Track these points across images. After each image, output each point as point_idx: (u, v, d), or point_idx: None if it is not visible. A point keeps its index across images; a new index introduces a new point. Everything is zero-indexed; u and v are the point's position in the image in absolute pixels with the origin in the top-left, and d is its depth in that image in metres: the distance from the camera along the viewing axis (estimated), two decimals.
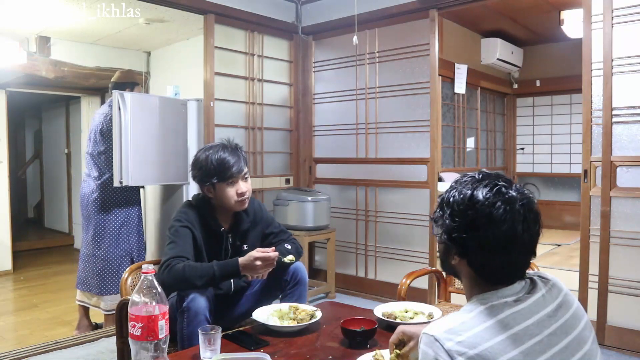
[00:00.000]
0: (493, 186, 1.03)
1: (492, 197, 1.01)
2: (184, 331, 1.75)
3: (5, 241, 5.14)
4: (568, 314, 1.03)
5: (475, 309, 0.99)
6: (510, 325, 0.95)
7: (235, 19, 4.01)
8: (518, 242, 1.00)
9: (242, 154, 2.06)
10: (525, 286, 1.04)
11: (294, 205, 3.97)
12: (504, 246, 1.00)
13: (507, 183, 1.05)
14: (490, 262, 1.02)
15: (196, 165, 2.03)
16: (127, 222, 3.27)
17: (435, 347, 0.93)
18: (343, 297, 4.14)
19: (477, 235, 1.01)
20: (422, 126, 3.90)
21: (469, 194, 1.03)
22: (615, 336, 2.97)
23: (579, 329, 1.02)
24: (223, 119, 3.97)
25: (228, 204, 2.03)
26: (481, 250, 1.02)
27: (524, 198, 1.03)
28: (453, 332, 0.94)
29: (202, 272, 1.82)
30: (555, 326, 0.99)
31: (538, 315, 0.98)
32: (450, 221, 1.05)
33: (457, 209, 1.04)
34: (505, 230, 0.99)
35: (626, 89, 2.94)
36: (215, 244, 2.05)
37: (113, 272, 3.20)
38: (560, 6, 5.40)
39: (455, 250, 1.06)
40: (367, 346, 1.61)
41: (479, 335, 0.93)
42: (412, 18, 3.90)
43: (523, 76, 7.51)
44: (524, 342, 0.94)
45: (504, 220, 0.99)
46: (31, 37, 4.60)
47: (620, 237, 2.97)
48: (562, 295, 1.06)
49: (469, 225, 1.02)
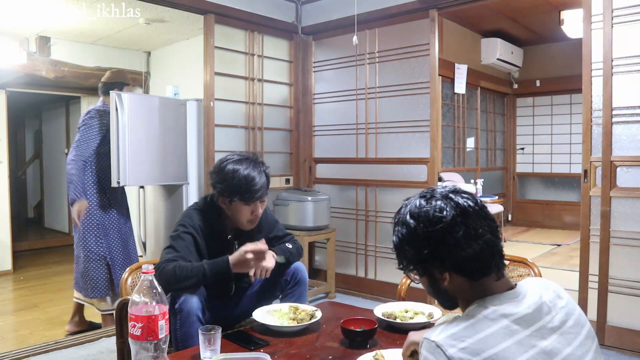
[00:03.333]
0: (420, 201, 1.07)
1: (425, 206, 1.05)
2: (178, 333, 1.75)
3: (5, 241, 5.14)
4: (571, 321, 1.01)
5: (478, 314, 0.96)
6: (515, 332, 0.93)
7: (235, 19, 4.01)
8: (475, 220, 1.03)
9: (268, 175, 2.03)
10: (525, 293, 1.03)
11: (294, 205, 3.97)
12: (468, 233, 1.01)
13: (429, 191, 1.09)
14: (470, 252, 1.01)
15: (220, 175, 1.97)
16: (103, 224, 3.22)
17: (437, 354, 0.91)
18: (343, 297, 4.14)
19: (444, 245, 1.02)
20: (422, 126, 3.90)
21: (409, 221, 1.06)
22: (615, 336, 2.97)
23: (581, 337, 1.01)
24: (223, 119, 3.97)
25: (239, 220, 2.01)
26: (456, 251, 1.02)
27: (449, 190, 1.08)
28: (456, 338, 0.92)
29: (192, 271, 1.80)
30: (558, 334, 0.97)
31: (541, 323, 0.97)
32: (415, 253, 1.06)
33: (413, 239, 1.06)
34: (460, 220, 1.02)
35: (626, 89, 2.94)
36: (220, 251, 2.03)
37: (91, 275, 3.16)
38: (560, 6, 5.40)
39: (437, 270, 1.05)
40: (367, 346, 1.61)
41: (483, 341, 0.91)
42: (412, 18, 3.90)
43: (523, 76, 7.51)
44: (528, 350, 0.92)
45: (454, 215, 1.02)
46: (31, 37, 4.60)
47: (620, 237, 2.97)
48: (565, 302, 1.05)
49: (431, 241, 1.03)
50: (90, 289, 3.17)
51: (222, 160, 2.01)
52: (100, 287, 3.18)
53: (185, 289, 1.79)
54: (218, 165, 2.01)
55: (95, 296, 3.18)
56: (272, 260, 2.03)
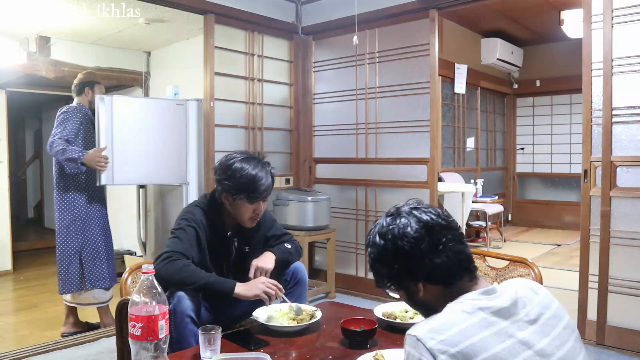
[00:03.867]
0: (385, 220, 1.15)
1: (391, 224, 1.13)
2: (173, 334, 1.74)
3: (5, 241, 5.14)
4: (547, 314, 1.04)
5: (456, 309, 1.01)
6: (492, 323, 0.97)
7: (235, 19, 4.01)
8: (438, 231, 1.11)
9: (273, 176, 2.04)
10: (500, 290, 1.06)
11: (294, 205, 3.97)
12: (433, 245, 1.09)
13: (394, 210, 1.17)
14: (438, 262, 1.08)
15: (228, 172, 1.97)
16: (85, 219, 3.24)
17: (418, 347, 0.94)
18: (343, 297, 4.14)
19: (412, 258, 1.09)
20: (422, 126, 3.90)
21: (378, 241, 1.14)
22: (615, 336, 2.97)
23: (559, 329, 1.03)
24: (223, 119, 3.97)
25: (240, 218, 2.02)
26: (424, 263, 1.08)
27: (411, 206, 1.16)
28: (435, 331, 0.95)
29: (199, 277, 1.81)
30: (535, 326, 1.00)
31: (517, 316, 1.00)
32: (388, 270, 1.13)
33: (384, 257, 1.13)
34: (423, 233, 1.10)
35: (626, 89, 2.94)
36: (220, 247, 2.05)
37: (62, 270, 3.18)
38: (560, 6, 5.41)
39: (411, 282, 1.12)
40: (367, 346, 1.61)
41: (461, 332, 0.94)
42: (412, 18, 3.90)
43: (523, 76, 7.51)
44: (505, 340, 0.95)
45: (417, 230, 1.10)
46: (31, 37, 4.60)
47: (620, 237, 2.97)
48: (541, 297, 1.08)
49: (400, 256, 1.10)
50: (61, 282, 3.18)
51: (229, 158, 2.02)
52: (72, 282, 3.18)
53: (181, 287, 1.79)
54: (224, 162, 2.01)
55: (67, 291, 3.18)
56: (271, 262, 2.03)
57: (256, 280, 1.88)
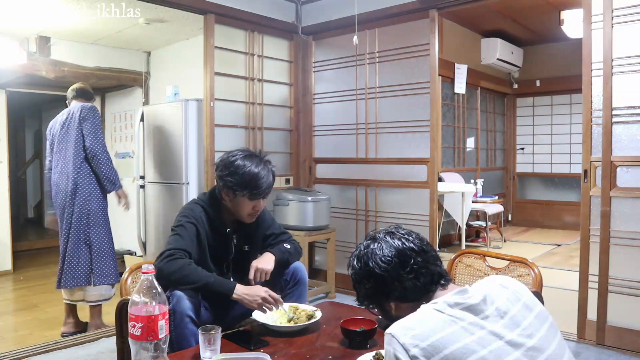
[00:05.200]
0: (364, 244, 1.26)
1: (366, 248, 1.24)
2: (172, 334, 1.74)
3: (5, 241, 5.14)
4: (517, 306, 1.07)
5: (429, 307, 1.06)
6: (462, 319, 1.01)
7: (235, 19, 4.01)
8: (409, 255, 1.19)
9: (274, 174, 2.07)
10: (470, 289, 1.10)
11: (294, 205, 3.97)
12: (402, 268, 1.18)
13: (371, 235, 1.28)
14: (408, 285, 1.17)
15: (230, 168, 1.99)
16: (105, 214, 3.37)
17: (393, 343, 1.00)
18: (343, 297, 4.14)
19: (383, 280, 1.19)
20: (422, 126, 3.90)
21: (356, 264, 1.25)
22: (615, 336, 2.97)
23: (530, 319, 1.06)
24: (223, 119, 3.97)
25: (239, 214, 2.04)
26: (395, 284, 1.18)
27: (386, 231, 1.25)
28: (407, 328, 1.01)
29: (200, 276, 1.82)
30: (505, 319, 1.03)
31: (487, 311, 1.03)
32: (364, 290, 1.24)
33: (359, 279, 1.25)
34: (394, 257, 1.19)
35: (626, 89, 2.94)
36: (220, 244, 2.05)
37: (71, 262, 3.23)
38: (560, 6, 5.41)
39: (384, 302, 1.22)
40: (367, 346, 1.61)
41: (431, 328, 0.99)
42: (412, 18, 3.90)
43: (523, 76, 7.51)
44: (475, 332, 0.99)
45: (388, 255, 1.19)
46: (31, 37, 4.60)
47: (620, 237, 2.97)
48: (511, 291, 1.11)
49: (372, 278, 1.21)
50: (69, 277, 3.18)
51: (231, 155, 2.04)
52: (80, 275, 3.20)
53: (182, 286, 1.80)
54: (226, 159, 2.03)
55: (73, 285, 3.18)
56: (271, 263, 2.03)
57: (258, 290, 1.85)
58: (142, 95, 5.40)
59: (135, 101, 5.51)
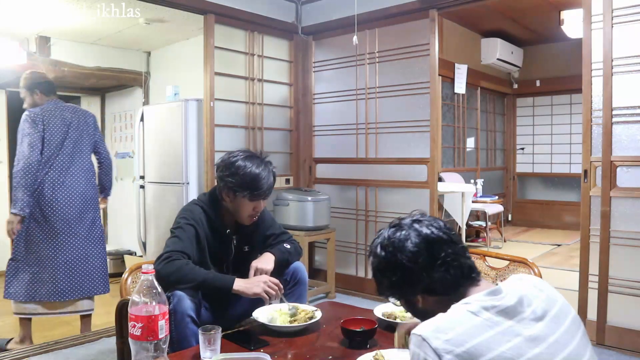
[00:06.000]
0: (388, 232, 1.17)
1: (392, 236, 1.15)
2: (173, 334, 1.74)
3: (5, 241, 5.13)
4: (553, 310, 1.03)
5: (462, 308, 1.00)
6: (498, 323, 0.96)
7: (235, 19, 4.01)
8: (439, 246, 1.11)
9: (275, 175, 2.07)
10: (505, 289, 1.04)
11: (294, 205, 3.97)
12: (432, 260, 1.10)
13: (397, 222, 1.18)
14: (436, 277, 1.09)
15: (231, 169, 1.99)
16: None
17: (424, 347, 0.94)
18: (343, 297, 4.14)
19: (411, 271, 1.11)
20: (422, 126, 3.90)
21: (379, 252, 1.16)
22: (615, 336, 2.97)
23: (566, 325, 1.03)
24: (223, 119, 3.97)
25: (239, 215, 2.04)
26: (423, 276, 1.10)
27: (413, 219, 1.17)
28: (440, 331, 0.95)
29: (197, 274, 1.82)
30: (542, 323, 0.99)
31: (523, 314, 0.99)
32: (387, 280, 1.15)
33: (383, 268, 1.15)
34: (422, 247, 1.11)
35: (626, 89, 2.94)
36: (220, 245, 2.05)
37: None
38: (560, 6, 5.41)
39: (410, 294, 1.14)
40: (367, 346, 1.61)
41: (466, 332, 0.94)
42: (412, 18, 3.90)
43: (523, 76, 7.51)
44: (512, 338, 0.95)
45: (416, 244, 1.11)
46: (31, 37, 4.60)
47: (620, 237, 2.97)
48: (545, 294, 1.07)
49: (398, 269, 1.12)
50: (91, 285, 3.13)
51: (232, 155, 2.04)
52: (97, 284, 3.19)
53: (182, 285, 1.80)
54: (227, 160, 2.03)
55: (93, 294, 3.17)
56: (271, 263, 2.03)
57: (258, 278, 1.88)
58: (142, 95, 5.40)
59: (135, 101, 5.51)
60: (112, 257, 4.99)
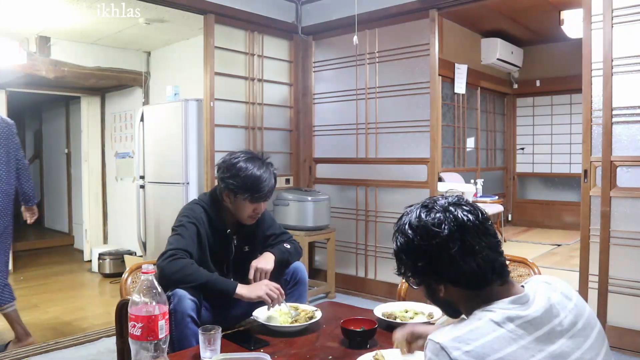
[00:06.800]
0: (420, 211, 1.05)
1: (425, 218, 1.03)
2: (173, 334, 1.74)
3: None
4: (580, 323, 0.99)
5: (484, 317, 0.95)
6: (522, 336, 0.92)
7: (235, 19, 4.01)
8: (473, 236, 1.01)
9: (276, 177, 2.08)
10: (533, 296, 1.00)
11: (294, 205, 3.97)
12: (464, 250, 1.00)
13: (431, 202, 1.07)
14: (466, 268, 1.00)
15: (232, 170, 1.99)
16: None
17: (442, 356, 0.90)
18: (343, 297, 4.14)
19: (440, 259, 1.01)
20: (422, 126, 3.90)
21: (407, 232, 1.05)
22: (615, 336, 2.96)
23: (591, 340, 0.99)
24: (223, 119, 3.97)
25: (240, 215, 2.04)
26: (452, 266, 1.00)
27: (449, 202, 1.05)
28: (461, 341, 0.90)
29: (201, 275, 1.82)
30: (567, 337, 0.95)
31: (549, 326, 0.95)
32: (412, 264, 1.06)
33: (410, 250, 1.05)
34: (457, 235, 1.00)
35: (626, 89, 2.94)
36: (220, 245, 2.05)
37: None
38: (560, 6, 5.40)
39: (433, 281, 1.05)
40: (367, 346, 1.61)
41: (488, 345, 0.89)
42: (412, 18, 3.90)
43: (523, 76, 7.51)
44: (535, 354, 0.91)
45: (451, 230, 1.00)
46: (31, 37, 4.60)
47: (620, 237, 2.97)
48: (574, 303, 1.03)
49: (427, 254, 1.02)
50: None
51: (233, 157, 2.04)
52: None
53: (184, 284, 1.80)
54: (229, 161, 2.03)
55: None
56: (271, 263, 2.03)
57: (260, 282, 1.88)
58: (142, 95, 5.40)
59: (135, 101, 5.51)
60: (112, 257, 5.00)
